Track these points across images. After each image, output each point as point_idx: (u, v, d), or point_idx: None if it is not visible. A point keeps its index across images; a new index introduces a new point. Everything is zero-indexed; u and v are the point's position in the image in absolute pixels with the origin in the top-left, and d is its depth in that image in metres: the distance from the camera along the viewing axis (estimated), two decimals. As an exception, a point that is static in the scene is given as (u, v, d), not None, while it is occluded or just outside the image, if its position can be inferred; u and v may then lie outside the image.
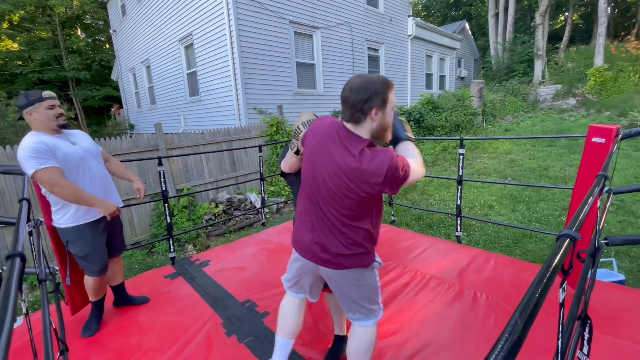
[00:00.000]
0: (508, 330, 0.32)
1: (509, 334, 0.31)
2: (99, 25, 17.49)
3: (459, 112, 9.15)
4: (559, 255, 0.47)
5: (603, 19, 10.52)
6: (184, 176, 5.27)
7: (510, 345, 0.30)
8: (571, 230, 0.54)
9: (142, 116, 11.45)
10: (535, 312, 0.35)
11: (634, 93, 9.04)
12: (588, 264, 0.91)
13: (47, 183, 1.66)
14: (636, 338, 1.73)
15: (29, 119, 1.77)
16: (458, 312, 2.07)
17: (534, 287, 0.38)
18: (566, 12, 17.36)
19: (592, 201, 0.75)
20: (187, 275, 2.75)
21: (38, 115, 1.76)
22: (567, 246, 0.50)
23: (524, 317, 0.33)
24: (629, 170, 5.42)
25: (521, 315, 0.33)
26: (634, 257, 3.15)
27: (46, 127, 1.79)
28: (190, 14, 7.13)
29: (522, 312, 0.34)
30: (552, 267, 0.43)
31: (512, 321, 0.33)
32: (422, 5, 25.04)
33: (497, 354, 0.29)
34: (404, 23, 10.66)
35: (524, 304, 0.35)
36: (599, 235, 1.33)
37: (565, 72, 12.04)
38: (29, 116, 1.76)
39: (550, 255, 0.47)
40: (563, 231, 0.54)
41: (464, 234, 4.00)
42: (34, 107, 1.75)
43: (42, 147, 1.67)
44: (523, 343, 0.31)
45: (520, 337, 0.31)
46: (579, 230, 0.56)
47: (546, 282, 0.38)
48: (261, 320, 2.08)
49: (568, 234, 0.52)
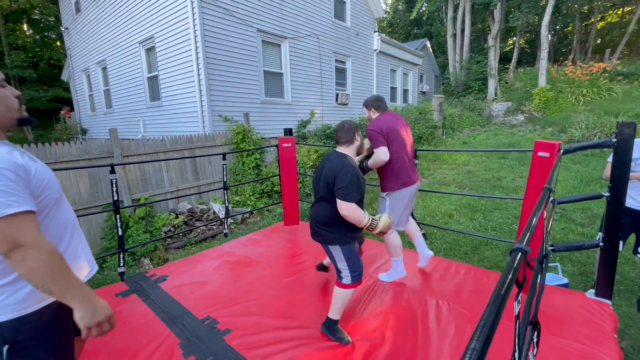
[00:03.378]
0: (467, 355, 0.31)
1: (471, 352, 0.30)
2: (49, 22, 16.25)
3: (421, 125, 9.59)
4: (512, 269, 0.48)
5: (545, 44, 11.68)
6: (142, 185, 4.95)
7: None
8: (522, 243, 0.56)
9: (97, 120, 10.69)
10: (492, 333, 0.34)
11: (571, 112, 10.06)
12: (537, 270, 0.96)
13: (10, 242, 0.88)
14: (579, 338, 1.87)
15: None
16: (422, 320, 2.11)
17: (490, 305, 0.38)
18: (514, 37, 19.08)
19: (540, 213, 0.79)
20: (142, 292, 2.56)
21: None
22: (519, 260, 0.52)
23: (482, 341, 0.33)
24: (569, 181, 5.97)
25: (478, 339, 0.33)
26: (575, 261, 3.44)
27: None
28: (152, 16, 6.84)
29: (479, 336, 0.33)
30: (507, 281, 0.43)
31: (471, 345, 0.32)
32: (387, 22, 26.24)
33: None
34: (370, 38, 11.06)
35: (481, 326, 0.35)
36: (546, 243, 1.43)
37: (514, 90, 13.13)
38: None
39: (504, 271, 0.49)
40: (515, 245, 0.56)
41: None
42: None
43: (13, 168, 0.93)
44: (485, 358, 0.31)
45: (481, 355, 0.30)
46: (529, 243, 0.58)
47: (503, 297, 0.39)
48: (222, 339, 1.98)
49: (520, 248, 0.54)
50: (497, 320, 0.37)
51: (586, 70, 11.35)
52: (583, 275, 3.21)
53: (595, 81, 10.89)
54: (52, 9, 14.52)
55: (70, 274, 0.97)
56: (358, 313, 2.20)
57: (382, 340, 1.93)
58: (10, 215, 0.88)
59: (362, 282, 2.08)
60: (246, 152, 6.15)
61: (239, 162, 6.19)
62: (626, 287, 2.98)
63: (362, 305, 2.29)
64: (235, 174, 6.13)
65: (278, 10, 7.41)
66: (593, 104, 10.24)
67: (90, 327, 1.01)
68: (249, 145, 6.16)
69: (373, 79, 11.36)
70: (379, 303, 2.30)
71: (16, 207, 0.89)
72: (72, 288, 0.97)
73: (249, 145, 6.16)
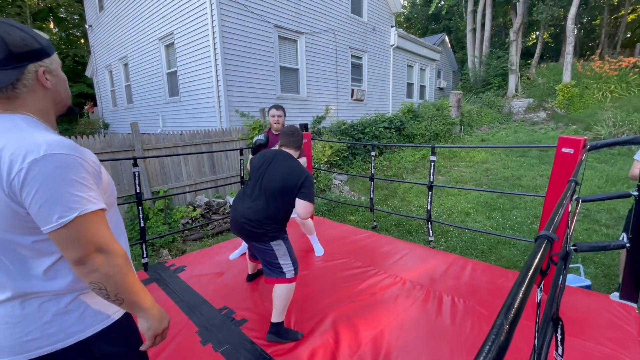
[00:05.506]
0: (494, 331, 0.31)
1: (496, 334, 0.30)
2: (74, 20, 16.81)
3: (438, 122, 9.42)
4: (538, 255, 0.47)
5: (570, 38, 11.21)
6: (161, 178, 5.09)
7: (498, 347, 0.29)
8: (548, 231, 0.55)
9: (118, 115, 11.03)
10: (519, 312, 0.34)
11: (598, 109, 9.64)
12: (560, 267, 0.94)
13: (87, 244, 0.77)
14: (602, 340, 1.81)
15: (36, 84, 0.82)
16: (436, 317, 2.09)
17: (516, 287, 0.38)
18: (537, 31, 18.39)
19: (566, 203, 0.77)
20: (161, 281, 2.64)
21: (57, 80, 0.87)
22: (545, 247, 0.51)
23: (510, 317, 0.33)
24: (594, 181, 5.75)
25: (506, 315, 0.33)
26: (598, 263, 3.32)
27: (56, 110, 0.91)
28: (172, 13, 6.98)
29: (507, 312, 0.33)
30: (532, 267, 0.43)
31: (498, 322, 0.33)
32: (404, 17, 25.79)
33: (485, 356, 0.28)
34: (387, 33, 10.91)
35: (509, 304, 0.35)
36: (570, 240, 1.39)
37: (536, 86, 12.70)
38: (43, 79, 0.82)
39: (530, 255, 0.48)
40: (541, 232, 0.55)
41: (442, 241, 4.09)
42: (52, 60, 0.85)
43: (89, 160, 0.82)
44: (510, 343, 0.31)
45: (507, 338, 0.30)
46: (555, 231, 0.57)
47: (528, 282, 0.38)
48: (238, 328, 2.02)
49: (546, 235, 0.53)
50: (525, 297, 0.37)
51: (615, 65, 10.84)
52: (607, 277, 3.09)
53: (625, 76, 10.39)
54: (77, 7, 15.01)
55: (138, 280, 0.87)
56: (375, 309, 2.20)
57: (397, 336, 1.92)
58: (91, 213, 0.77)
59: None
60: (262, 147, 6.21)
61: (255, 157, 6.26)
62: (653, 291, 2.85)
63: (379, 302, 2.29)
64: (251, 169, 6.21)
65: (295, 5, 7.41)
66: (621, 101, 9.78)
67: (157, 335, 0.92)
68: (265, 140, 6.21)
69: (389, 74, 11.22)
70: (393, 299, 2.30)
71: (96, 204, 0.78)
72: (142, 295, 0.86)
73: (265, 140, 6.21)
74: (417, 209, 5.26)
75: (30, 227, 0.75)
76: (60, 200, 0.72)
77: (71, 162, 0.75)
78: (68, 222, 0.73)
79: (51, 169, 0.72)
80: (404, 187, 6.24)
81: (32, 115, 0.81)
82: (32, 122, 0.80)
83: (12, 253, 0.77)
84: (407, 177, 7.03)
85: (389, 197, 5.91)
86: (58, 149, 0.74)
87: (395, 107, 11.34)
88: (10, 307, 0.79)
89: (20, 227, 0.75)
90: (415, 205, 5.42)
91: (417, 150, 8.45)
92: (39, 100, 0.83)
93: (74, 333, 0.83)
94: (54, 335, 0.81)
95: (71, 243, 0.75)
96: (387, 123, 8.43)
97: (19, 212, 0.73)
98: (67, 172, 0.74)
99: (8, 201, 0.72)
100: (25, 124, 0.78)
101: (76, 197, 0.75)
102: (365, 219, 4.94)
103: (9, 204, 0.72)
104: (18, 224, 0.75)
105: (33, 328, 0.80)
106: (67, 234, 0.74)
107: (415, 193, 5.99)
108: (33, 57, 0.79)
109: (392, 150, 8.60)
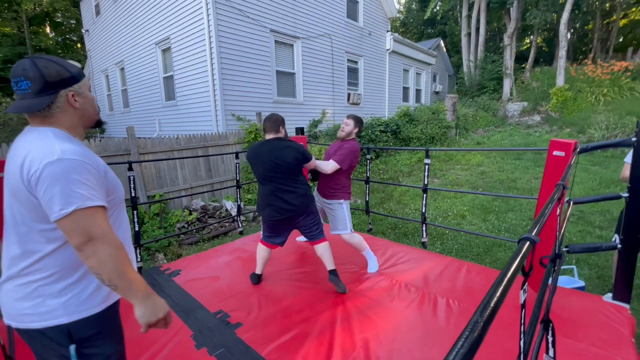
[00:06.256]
0: (469, 327, 0.32)
1: (470, 331, 0.31)
2: (70, 24, 16.81)
3: (434, 125, 9.48)
4: (519, 257, 0.49)
5: (563, 43, 11.37)
6: (157, 182, 5.08)
7: (471, 342, 0.30)
8: (531, 234, 0.57)
9: (114, 119, 11.01)
10: (495, 310, 0.36)
11: (591, 112, 9.75)
12: (549, 269, 0.95)
13: (85, 233, 0.91)
14: (594, 341, 1.83)
15: (66, 105, 1.00)
16: (431, 319, 2.10)
17: (494, 287, 0.39)
18: (531, 35, 18.62)
19: (552, 207, 0.79)
20: (156, 285, 2.63)
21: (84, 100, 1.05)
22: (527, 249, 0.52)
23: (485, 316, 0.34)
24: (588, 183, 5.80)
25: (482, 314, 0.34)
26: (592, 264, 3.35)
27: (84, 124, 1.09)
28: (168, 17, 7.00)
29: (482, 310, 0.35)
30: (512, 267, 0.44)
31: (474, 319, 0.34)
32: (400, 22, 26.02)
33: (457, 351, 0.29)
34: (383, 37, 11.00)
35: (485, 302, 0.36)
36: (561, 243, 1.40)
37: (530, 90, 12.83)
38: (72, 101, 1.01)
39: (511, 256, 0.49)
40: (524, 235, 0.57)
41: (437, 243, 4.10)
42: (80, 85, 1.03)
43: (96, 166, 1.00)
44: (483, 340, 0.32)
45: (481, 335, 0.31)
46: (539, 234, 0.59)
47: (507, 283, 0.40)
48: (233, 332, 2.02)
49: (528, 237, 0.55)
50: (502, 296, 0.38)
51: (607, 69, 10.99)
52: (600, 279, 3.12)
53: (617, 80, 10.53)
54: (74, 11, 15.03)
55: (133, 271, 0.99)
56: (371, 311, 2.20)
57: (393, 338, 1.93)
58: (89, 208, 0.92)
59: None
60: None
61: (251, 160, 6.27)
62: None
63: (375, 304, 2.30)
64: (248, 172, 6.21)
65: (291, 10, 7.47)
66: (614, 104, 9.91)
67: (150, 325, 1.00)
68: (261, 144, 6.22)
69: (385, 78, 11.30)
70: (389, 301, 2.30)
71: (94, 201, 0.94)
72: (135, 284, 0.97)
73: (261, 144, 6.22)
74: (414, 211, 5.28)
75: (44, 215, 0.93)
76: (63, 195, 0.89)
77: (77, 166, 0.92)
78: (68, 214, 0.89)
79: (60, 170, 0.89)
80: (400, 190, 6.27)
81: (63, 129, 1.01)
82: (60, 134, 0.99)
83: (28, 236, 0.96)
84: (403, 181, 7.06)
85: (385, 200, 5.93)
86: (69, 154, 0.92)
87: (392, 110, 11.41)
88: (17, 283, 0.98)
89: (37, 215, 0.94)
90: (411, 208, 5.44)
91: (413, 153, 8.49)
92: (69, 118, 1.03)
93: (58, 316, 0.98)
94: (43, 314, 0.97)
95: (71, 231, 0.91)
96: (383, 127, 8.48)
97: (35, 203, 0.93)
98: (72, 173, 0.91)
99: (28, 194, 0.92)
100: (53, 135, 0.97)
101: (77, 194, 0.90)
102: (361, 222, 4.95)
103: (29, 196, 0.92)
104: (35, 211, 0.94)
105: (29, 305, 0.97)
106: (68, 223, 0.90)
107: (412, 196, 6.02)
108: (65, 84, 0.98)
109: (388, 153, 8.64)
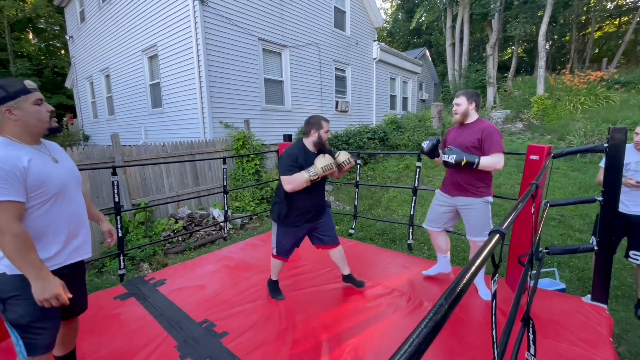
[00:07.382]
0: (434, 310, 0.34)
1: (434, 312, 0.33)
2: (54, 31, 16.51)
3: (421, 132, 9.65)
4: (488, 247, 0.51)
5: (542, 54, 11.83)
6: (142, 190, 4.99)
7: (434, 322, 0.31)
8: (502, 227, 0.59)
9: (99, 127, 10.79)
10: (460, 295, 0.37)
11: (570, 119, 10.12)
12: (527, 268, 0.98)
13: None
14: (574, 341, 1.87)
15: (5, 118, 1.27)
16: (415, 322, 2.11)
17: (462, 274, 0.41)
18: (513, 46, 19.31)
19: (524, 204, 0.82)
20: (140, 295, 2.57)
21: (23, 113, 1.29)
22: (496, 240, 0.55)
23: (450, 299, 0.35)
24: (568, 188, 5.99)
25: (447, 298, 0.35)
26: (573, 267, 3.44)
27: (29, 132, 1.33)
28: (155, 25, 6.97)
29: (448, 294, 0.36)
30: (480, 257, 0.46)
31: (439, 302, 0.35)
32: (387, 32, 26.61)
33: (420, 330, 0.30)
34: (370, 47, 11.21)
35: (451, 288, 0.38)
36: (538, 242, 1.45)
37: (513, 98, 13.24)
38: (8, 115, 1.27)
39: (481, 247, 0.51)
40: (494, 228, 0.59)
41: (425, 249, 4.15)
42: (17, 101, 1.27)
43: (9, 166, 1.20)
44: (446, 322, 0.33)
45: (444, 317, 0.33)
46: (509, 227, 0.61)
47: (474, 270, 0.41)
48: (219, 341, 1.98)
49: (498, 230, 0.57)
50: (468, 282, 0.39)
51: (584, 78, 11.46)
52: (581, 281, 3.21)
53: (593, 89, 10.99)
54: (58, 18, 14.78)
55: (30, 256, 1.21)
56: (359, 316, 2.20)
57: (379, 343, 1.93)
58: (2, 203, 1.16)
59: None
60: (246, 157, 6.20)
61: (239, 167, 6.23)
62: (624, 292, 2.98)
63: (363, 310, 2.30)
64: (235, 180, 6.17)
65: (279, 19, 7.55)
66: (591, 112, 10.32)
67: (40, 300, 1.22)
68: (249, 151, 6.21)
69: (373, 87, 11.48)
70: (375, 306, 2.31)
71: (5, 196, 1.16)
72: (29, 267, 1.20)
73: (249, 151, 6.21)
74: (402, 217, 5.33)
75: None
76: None
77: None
78: None
79: None
80: (388, 197, 6.32)
81: (9, 136, 1.29)
82: (3, 140, 1.27)
83: None
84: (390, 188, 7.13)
85: (374, 207, 5.97)
86: None
87: (379, 118, 11.57)
88: None
89: None
90: (399, 214, 5.49)
91: (400, 160, 8.61)
92: (12, 128, 1.30)
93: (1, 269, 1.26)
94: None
95: None
96: (370, 134, 8.58)
97: None
98: None
99: None
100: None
101: None
102: (350, 228, 4.96)
103: None
104: None
105: None
106: None
107: (399, 202, 6.08)
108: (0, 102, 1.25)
109: (376, 160, 8.74)
